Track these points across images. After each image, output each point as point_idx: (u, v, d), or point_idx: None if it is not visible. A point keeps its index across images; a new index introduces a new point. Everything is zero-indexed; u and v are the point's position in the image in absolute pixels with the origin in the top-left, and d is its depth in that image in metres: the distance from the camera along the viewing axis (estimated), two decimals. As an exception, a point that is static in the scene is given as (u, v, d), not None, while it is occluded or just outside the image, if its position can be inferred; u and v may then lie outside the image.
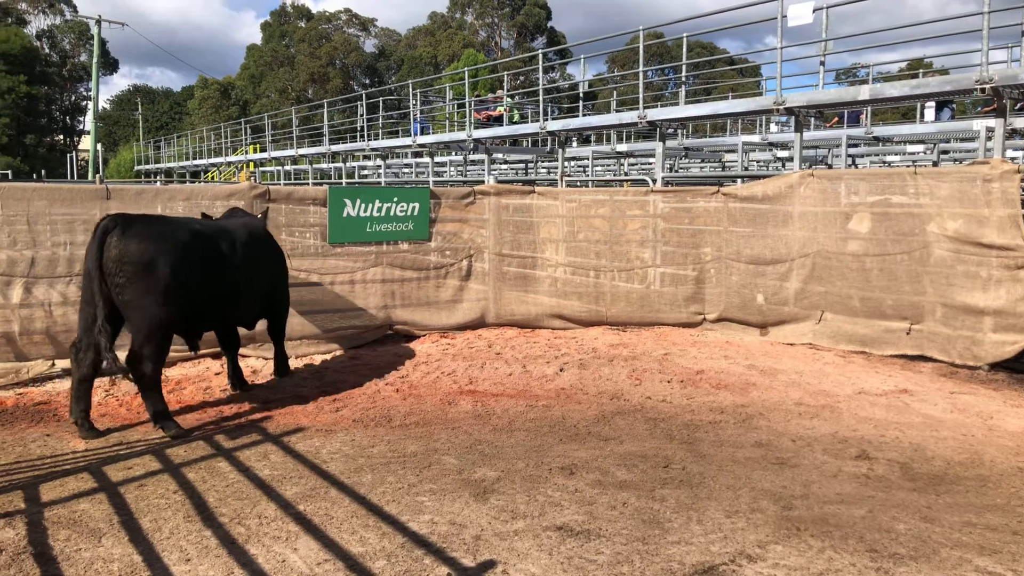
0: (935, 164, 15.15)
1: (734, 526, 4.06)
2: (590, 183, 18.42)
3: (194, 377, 7.14)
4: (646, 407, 6.36)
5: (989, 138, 10.64)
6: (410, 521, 4.11)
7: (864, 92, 9.57)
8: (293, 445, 5.37)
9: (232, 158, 33.99)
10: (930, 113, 15.56)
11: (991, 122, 8.64)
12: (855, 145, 16.20)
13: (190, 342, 6.28)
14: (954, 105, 16.03)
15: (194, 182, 33.81)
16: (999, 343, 7.33)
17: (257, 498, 4.40)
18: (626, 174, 21.55)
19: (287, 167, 31.13)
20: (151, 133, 63.52)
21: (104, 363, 5.44)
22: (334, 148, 24.04)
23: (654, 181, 12.58)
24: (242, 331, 7.09)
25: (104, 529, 3.97)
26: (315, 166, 28.46)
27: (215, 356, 7.79)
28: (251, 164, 32.62)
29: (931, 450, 5.25)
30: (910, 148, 15.94)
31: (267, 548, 3.78)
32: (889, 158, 17.19)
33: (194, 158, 37.77)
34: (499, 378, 7.25)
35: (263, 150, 31.18)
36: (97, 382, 6.88)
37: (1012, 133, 12.56)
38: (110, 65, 69.22)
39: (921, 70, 17.82)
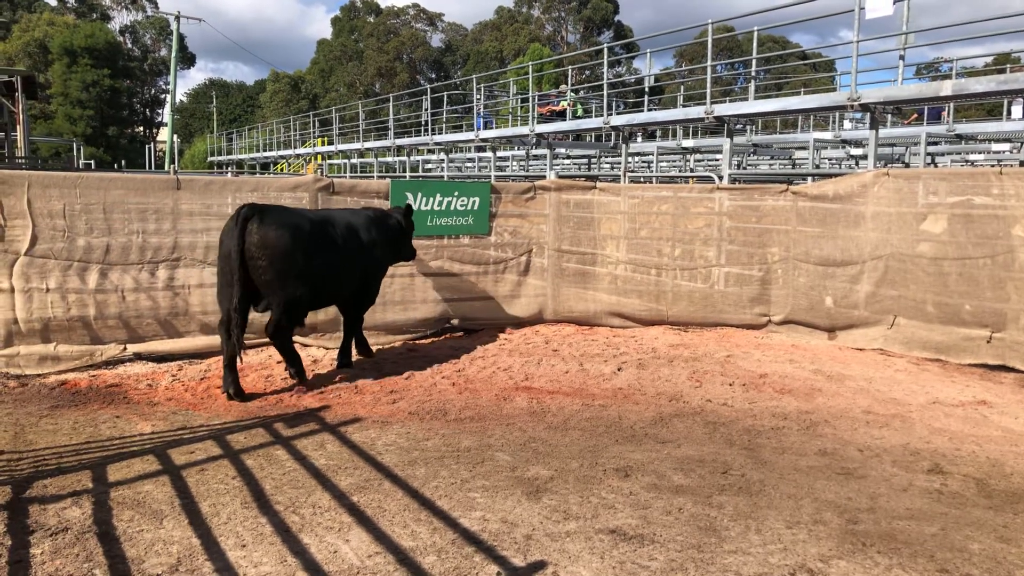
0: (1022, 164, 14.37)
1: (795, 538, 3.91)
2: (654, 179, 18.16)
3: (256, 365, 7.29)
4: (706, 410, 6.21)
5: (1083, 137, 10.04)
6: (461, 517, 4.09)
7: (947, 88, 9.14)
8: (349, 435, 5.42)
9: (301, 150, 34.74)
10: (1017, 110, 14.77)
11: (1086, 120, 8.15)
12: (935, 143, 15.51)
13: (305, 315, 6.96)
14: (1044, 102, 15.18)
15: (263, 173, 34.71)
16: (1089, 355, 6.89)
17: (312, 487, 4.46)
18: (692, 170, 21.16)
19: (353, 160, 31.64)
20: (224, 125, 65.48)
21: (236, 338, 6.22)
22: (399, 142, 24.30)
23: (720, 178, 12.30)
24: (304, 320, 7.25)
25: (166, 511, 4.07)
26: (380, 159, 28.84)
27: (277, 345, 7.95)
28: (319, 157, 33.28)
29: (1010, 466, 4.96)
30: (995, 147, 15.17)
31: (320, 538, 3.81)
32: (972, 157, 16.41)
33: (264, 150, 38.75)
34: (555, 375, 7.19)
35: (330, 143, 31.77)
36: (164, 367, 7.13)
37: (1108, 132, 11.83)
38: (188, 59, 71.60)
39: (1008, 65, 16.93)
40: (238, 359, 6.32)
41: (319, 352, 7.86)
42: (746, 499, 4.40)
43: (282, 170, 36.87)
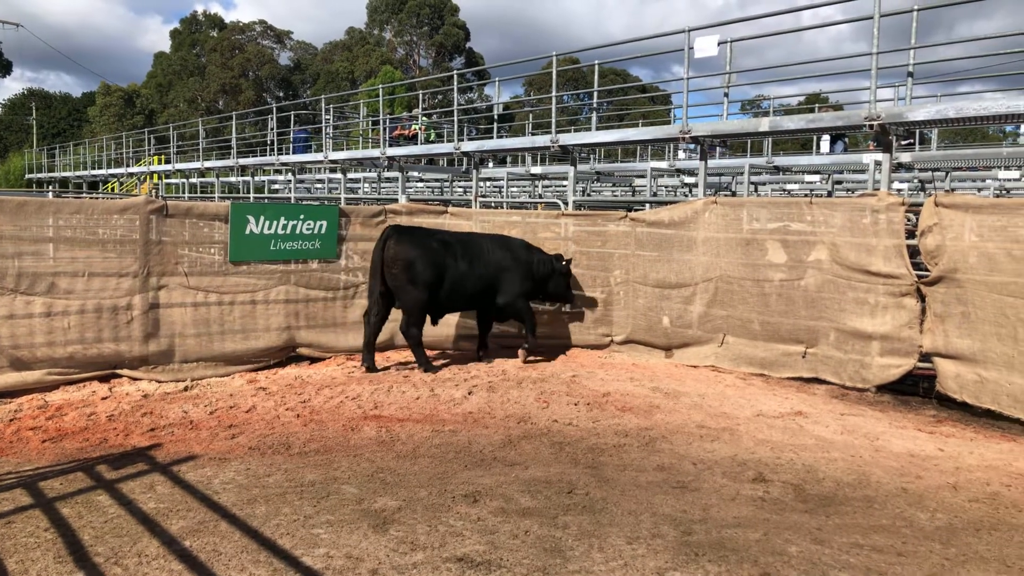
0: (829, 194, 15.94)
1: (635, 553, 4.06)
2: (504, 204, 18.52)
3: (77, 402, 6.70)
4: (552, 431, 6.35)
5: (878, 171, 11.28)
6: (304, 555, 3.94)
7: (764, 124, 9.98)
8: (183, 475, 5.08)
9: (134, 169, 32.52)
10: (825, 145, 16.40)
11: (879, 156, 9.15)
12: (757, 173, 16.88)
13: (432, 319, 8.76)
14: (847, 138, 16.94)
15: (91, 193, 32.15)
16: (885, 366, 7.70)
17: (139, 534, 4.13)
18: (540, 196, 21.77)
19: (193, 180, 30.02)
20: (47, 140, 60.17)
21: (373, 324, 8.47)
22: (242, 161, 23.34)
23: (566, 204, 12.74)
24: (124, 353, 7.00)
25: (-39, 573, 3.63)
26: (223, 180, 27.55)
27: (103, 379, 7.37)
28: (155, 176, 31.30)
29: (822, 471, 5.43)
30: (808, 178, 16.74)
31: (145, 590, 3.53)
32: (789, 187, 18.00)
33: (93, 168, 35.94)
34: (405, 402, 7.11)
35: (168, 161, 29.96)
36: (-34, 408, 6.40)
37: (898, 167, 13.37)
38: (3, 67, 65.38)
39: (817, 104, 18.80)
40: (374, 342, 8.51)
41: (150, 386, 7.34)
42: (590, 517, 4.53)
43: (113, 190, 34.35)
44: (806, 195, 15.33)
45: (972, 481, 5.28)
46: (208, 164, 25.93)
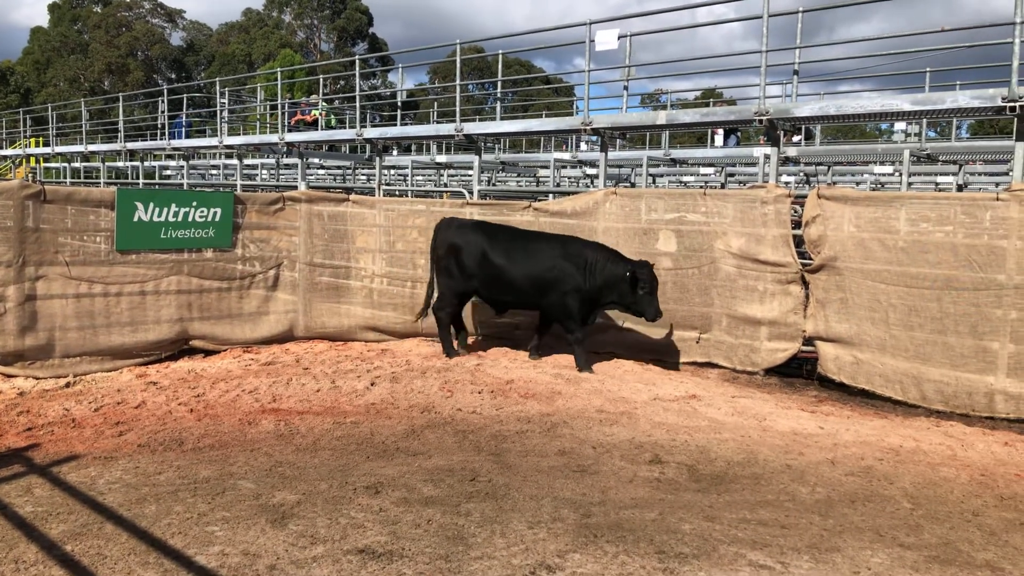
0: (723, 186, 16.60)
1: (536, 537, 4.13)
2: (409, 192, 18.36)
3: (-56, 402, 6.23)
4: (456, 419, 6.37)
5: (767, 164, 11.82)
6: (197, 554, 3.80)
7: (661, 117, 10.27)
8: (64, 476, 4.81)
9: (8, 151, 30.33)
10: (719, 139, 17.05)
11: (768, 150, 9.61)
12: (655, 165, 17.38)
13: (494, 308, 9.06)
14: (739, 133, 17.67)
15: (-41, 177, 29.74)
16: (773, 350, 8.12)
17: (15, 540, 3.88)
18: (446, 185, 21.68)
19: (76, 164, 28.26)
20: (-95, 118, 55.28)
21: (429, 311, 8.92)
22: (131, 146, 22.14)
23: (471, 193, 12.75)
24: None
25: None
26: (109, 164, 26.06)
27: (-27, 377, 6.88)
28: (32, 159, 29.29)
29: (714, 452, 5.68)
30: (703, 170, 17.36)
31: (22, 598, 3.33)
32: (685, 179, 18.62)
33: (-40, 149, 33.28)
34: (305, 395, 6.96)
35: (47, 144, 28.08)
36: None
37: (786, 161, 14.05)
38: None
39: (712, 99, 19.51)
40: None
41: (27, 383, 6.90)
42: (492, 504, 4.57)
43: (-16, 173, 31.91)
44: (701, 187, 15.90)
45: (848, 456, 5.64)
46: (93, 148, 24.46)
